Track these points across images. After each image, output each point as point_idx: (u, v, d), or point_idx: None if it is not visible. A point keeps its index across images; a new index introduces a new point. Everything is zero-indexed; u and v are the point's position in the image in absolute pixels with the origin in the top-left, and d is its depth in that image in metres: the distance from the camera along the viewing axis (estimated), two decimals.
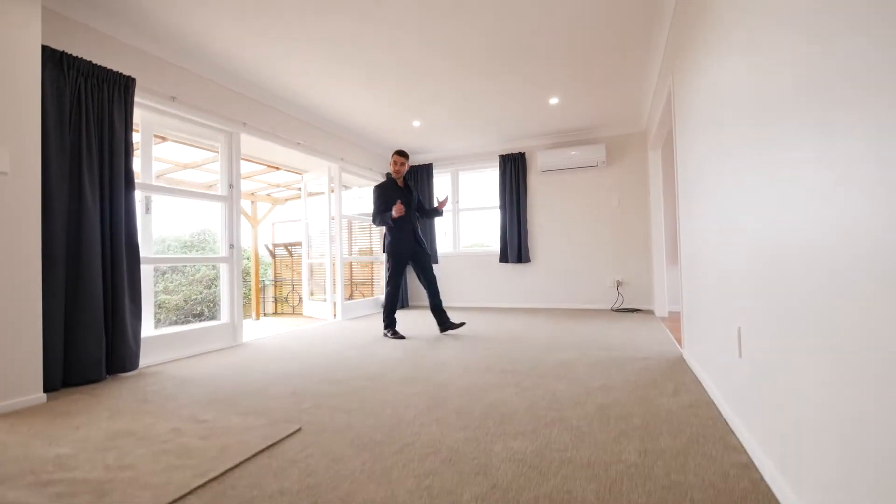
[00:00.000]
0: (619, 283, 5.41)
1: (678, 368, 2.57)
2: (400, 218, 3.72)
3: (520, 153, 5.79)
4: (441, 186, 6.58)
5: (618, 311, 5.21)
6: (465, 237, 6.55)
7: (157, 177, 5.55)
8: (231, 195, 3.68)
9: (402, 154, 3.80)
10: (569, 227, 5.66)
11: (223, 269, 3.64)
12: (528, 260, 5.75)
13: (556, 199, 5.71)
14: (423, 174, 6.35)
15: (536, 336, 3.75)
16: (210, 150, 3.95)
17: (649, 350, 3.10)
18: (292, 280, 7.78)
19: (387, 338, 3.75)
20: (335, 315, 5.18)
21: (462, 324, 3.95)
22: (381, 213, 3.74)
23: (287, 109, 4.30)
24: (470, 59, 3.46)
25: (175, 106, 3.17)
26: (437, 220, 6.39)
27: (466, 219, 6.49)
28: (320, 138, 4.87)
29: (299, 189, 7.22)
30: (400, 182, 3.85)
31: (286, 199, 8.01)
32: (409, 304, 6.47)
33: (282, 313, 7.86)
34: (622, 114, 4.86)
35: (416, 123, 5.07)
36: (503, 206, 5.91)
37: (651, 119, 4.46)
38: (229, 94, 3.67)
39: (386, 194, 3.76)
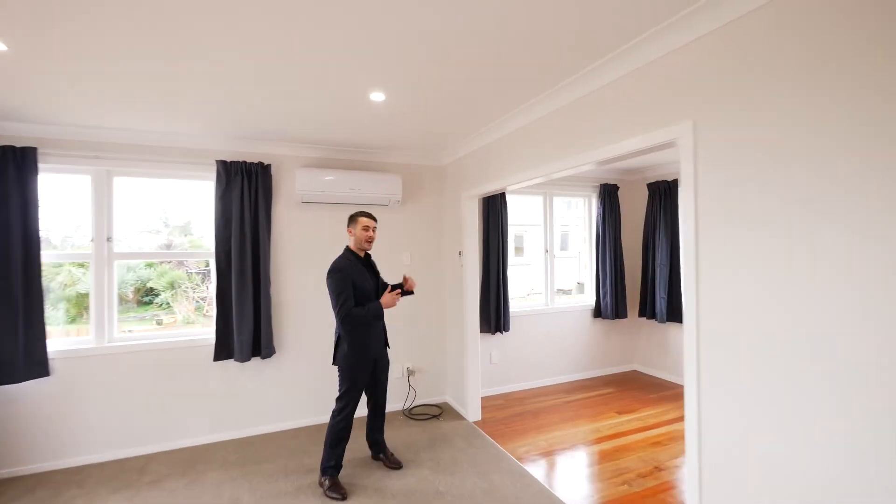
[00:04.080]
0: (409, 373, 3.83)
1: None
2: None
3: (262, 164, 3.26)
4: (71, 200, 3.03)
5: (413, 415, 3.63)
6: (136, 320, 3.30)
7: None
8: None
9: (373, 217, 2.64)
10: None
11: None
12: (269, 353, 3.28)
13: (321, 249, 3.53)
14: (9, 172, 2.67)
15: None
16: None
17: None
18: None
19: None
20: None
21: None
22: (355, 308, 2.46)
23: None
24: None
25: None
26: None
27: (137, 278, 3.26)
28: None
29: None
30: (362, 256, 2.67)
31: None
32: None
33: None
34: (424, 139, 3.32)
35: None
36: (224, 260, 3.18)
37: (481, 164, 3.15)
38: None
39: (353, 276, 2.52)
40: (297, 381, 3.44)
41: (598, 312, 4.60)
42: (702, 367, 1.63)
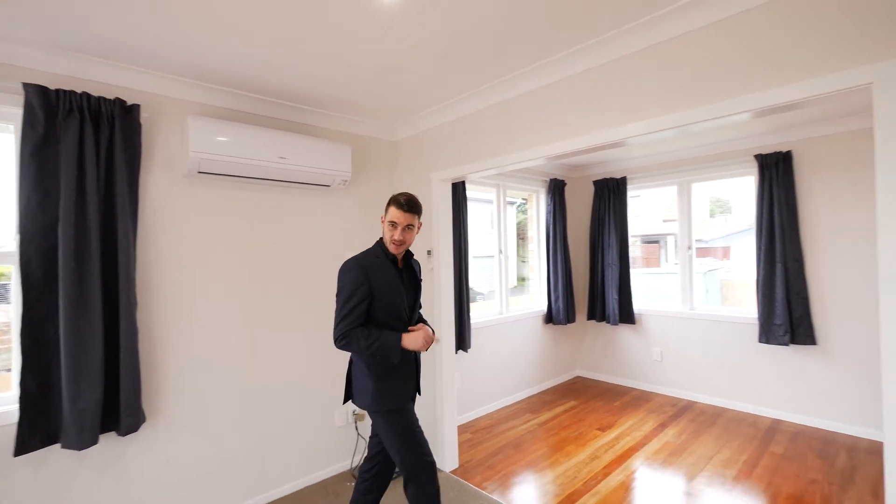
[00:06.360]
0: (357, 418, 2.81)
1: None
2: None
3: (121, 103, 1.92)
4: None
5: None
6: None
7: None
8: None
9: (409, 206, 1.66)
10: (258, 315, 2.42)
11: None
12: (134, 424, 1.94)
13: (233, 251, 2.31)
14: None
15: None
16: None
17: None
18: None
19: None
20: None
21: None
22: (358, 328, 1.58)
23: None
24: None
25: None
26: None
27: None
28: None
29: None
30: (399, 261, 1.77)
31: None
32: None
33: None
34: (395, 93, 2.45)
35: None
36: (40, 265, 1.77)
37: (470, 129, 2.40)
38: None
39: (374, 280, 1.62)
40: (189, 461, 2.13)
41: (549, 318, 4.21)
42: None
